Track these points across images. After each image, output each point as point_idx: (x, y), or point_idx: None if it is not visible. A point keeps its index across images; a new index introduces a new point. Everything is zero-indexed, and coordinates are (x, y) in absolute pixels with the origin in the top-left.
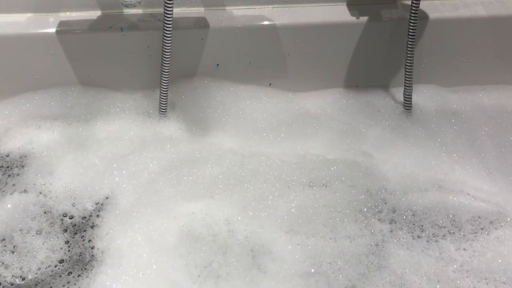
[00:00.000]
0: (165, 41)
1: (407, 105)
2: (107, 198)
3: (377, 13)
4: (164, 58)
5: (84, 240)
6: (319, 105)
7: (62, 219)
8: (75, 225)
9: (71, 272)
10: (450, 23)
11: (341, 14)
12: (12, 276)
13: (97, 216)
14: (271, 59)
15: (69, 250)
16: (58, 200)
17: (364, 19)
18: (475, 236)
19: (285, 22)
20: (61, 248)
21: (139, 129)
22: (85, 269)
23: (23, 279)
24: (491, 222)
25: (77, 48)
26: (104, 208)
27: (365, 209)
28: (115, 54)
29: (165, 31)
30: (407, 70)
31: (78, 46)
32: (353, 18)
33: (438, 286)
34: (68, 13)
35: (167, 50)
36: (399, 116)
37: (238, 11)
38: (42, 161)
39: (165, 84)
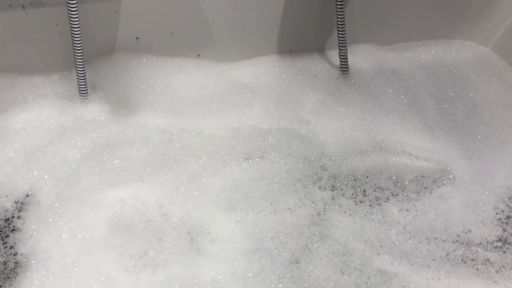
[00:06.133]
0: (71, 16)
1: (344, 67)
2: (27, 195)
3: None
4: (74, 35)
5: (6, 247)
6: (252, 74)
7: None
8: None
9: None
10: None
11: None
12: None
13: (18, 217)
14: (195, 28)
15: None
16: None
17: None
18: (418, 196)
19: None
20: None
21: (59, 115)
22: (8, 278)
23: None
24: (434, 181)
25: None
26: (24, 208)
27: (304, 178)
28: (20, 35)
29: (69, 5)
30: (340, 30)
31: None
32: None
33: (381, 250)
34: None
35: (75, 26)
36: (336, 79)
37: None
38: None
39: (80, 64)
